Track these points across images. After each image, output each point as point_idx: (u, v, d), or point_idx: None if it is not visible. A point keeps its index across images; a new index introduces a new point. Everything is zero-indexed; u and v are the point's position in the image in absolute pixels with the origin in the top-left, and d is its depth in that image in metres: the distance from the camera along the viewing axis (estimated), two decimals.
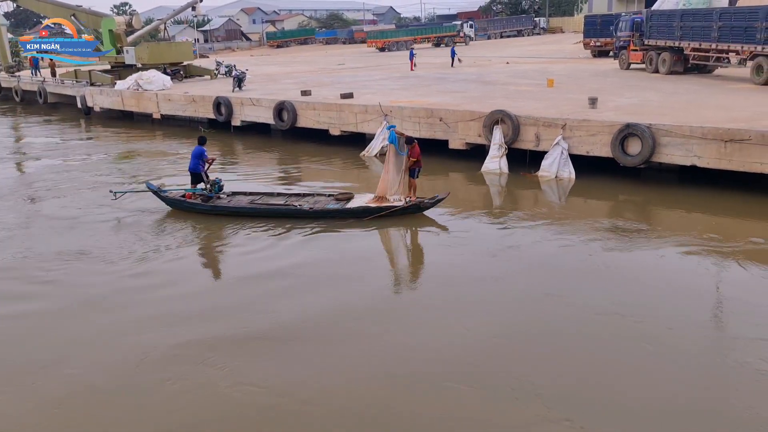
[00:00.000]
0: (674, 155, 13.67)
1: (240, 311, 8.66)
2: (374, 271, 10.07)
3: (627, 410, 6.24)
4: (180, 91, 26.75)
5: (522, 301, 8.77)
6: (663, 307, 8.36)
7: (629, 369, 6.95)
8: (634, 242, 10.96)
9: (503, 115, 15.87)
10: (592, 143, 14.71)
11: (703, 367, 6.99)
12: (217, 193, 12.99)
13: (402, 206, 12.17)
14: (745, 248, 10.46)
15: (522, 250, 10.82)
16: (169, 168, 18.66)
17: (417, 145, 12.46)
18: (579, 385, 6.69)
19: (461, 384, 6.72)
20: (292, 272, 9.89)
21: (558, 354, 7.32)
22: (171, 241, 11.58)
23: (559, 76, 24.57)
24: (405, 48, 58.53)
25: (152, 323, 8.34)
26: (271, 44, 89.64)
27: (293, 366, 7.17)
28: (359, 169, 17.76)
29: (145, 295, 9.31)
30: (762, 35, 19.49)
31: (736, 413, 6.18)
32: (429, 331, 7.93)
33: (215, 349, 7.57)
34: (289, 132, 21.56)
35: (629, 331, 7.77)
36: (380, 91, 22.91)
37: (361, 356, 7.40)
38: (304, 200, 12.94)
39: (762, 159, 12.49)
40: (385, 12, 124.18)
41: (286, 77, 31.92)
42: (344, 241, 11.43)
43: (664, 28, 24.66)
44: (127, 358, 7.43)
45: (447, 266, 10.16)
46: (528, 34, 75.68)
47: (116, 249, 11.11)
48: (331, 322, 8.27)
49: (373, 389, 6.72)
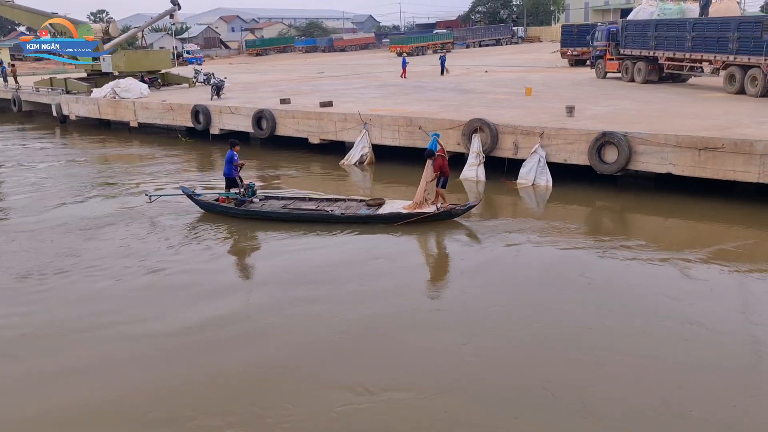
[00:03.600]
0: (650, 163, 13.85)
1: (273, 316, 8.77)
2: (405, 279, 10.01)
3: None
4: (158, 100, 26.52)
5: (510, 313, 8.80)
6: (642, 313, 8.44)
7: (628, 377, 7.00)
8: (611, 250, 11.05)
9: (482, 123, 15.97)
10: (570, 151, 14.85)
11: (690, 373, 7.06)
12: (251, 197, 13.17)
13: (433, 213, 12.22)
14: (719, 253, 10.60)
15: (498, 258, 10.87)
16: (147, 176, 18.46)
17: (441, 158, 12.38)
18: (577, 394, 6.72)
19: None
20: (322, 278, 9.96)
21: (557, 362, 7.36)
22: (206, 242, 11.83)
23: (537, 85, 24.82)
24: (421, 53, 64.21)
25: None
26: (250, 52, 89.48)
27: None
28: (339, 177, 17.73)
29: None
30: (734, 45, 19.88)
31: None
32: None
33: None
34: (269, 140, 21.48)
35: (621, 340, 7.83)
36: (359, 100, 22.93)
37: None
38: (335, 205, 13.05)
39: (735, 166, 12.71)
40: (365, 20, 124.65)
41: (265, 85, 31.82)
42: (376, 246, 11.48)
43: (639, 37, 25.05)
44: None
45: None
46: (506, 43, 76.54)
47: (160, 249, 11.47)
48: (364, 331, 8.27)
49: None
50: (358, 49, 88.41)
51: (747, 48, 19.44)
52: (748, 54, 19.41)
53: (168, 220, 13.22)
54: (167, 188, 15.95)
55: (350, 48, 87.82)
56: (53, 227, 13.06)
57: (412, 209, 12.48)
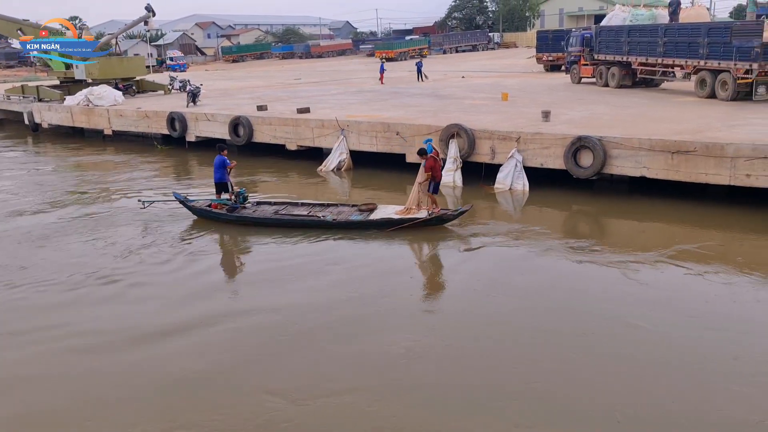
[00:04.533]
0: (624, 167, 14.03)
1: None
2: (394, 284, 10.02)
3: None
4: (132, 107, 26.24)
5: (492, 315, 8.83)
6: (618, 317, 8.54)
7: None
8: (586, 254, 11.16)
9: (459, 128, 16.05)
10: (546, 156, 14.98)
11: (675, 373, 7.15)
12: (242, 203, 13.25)
13: (424, 218, 12.22)
14: (691, 254, 10.74)
15: (475, 263, 10.92)
16: (124, 183, 18.25)
17: (432, 159, 12.35)
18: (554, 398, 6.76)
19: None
20: (313, 283, 9.99)
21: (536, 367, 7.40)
22: (196, 248, 11.95)
23: (513, 90, 25.02)
24: (405, 58, 64.69)
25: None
26: (227, 59, 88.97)
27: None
28: (317, 183, 17.68)
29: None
30: (704, 50, 20.23)
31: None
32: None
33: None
34: (246, 147, 21.34)
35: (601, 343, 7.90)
36: (337, 106, 22.91)
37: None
38: (327, 210, 13.12)
39: (707, 169, 12.92)
40: (342, 26, 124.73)
41: (241, 92, 31.66)
42: (366, 252, 11.51)
43: (612, 43, 25.38)
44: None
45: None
46: (483, 48, 77.13)
47: (153, 254, 11.54)
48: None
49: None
50: (336, 55, 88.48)
51: (717, 53, 19.80)
52: (718, 59, 19.77)
53: (159, 226, 13.28)
54: (145, 194, 15.84)
55: (327, 54, 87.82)
56: (14, 235, 12.94)
57: (405, 214, 12.51)
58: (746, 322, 8.35)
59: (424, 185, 12.48)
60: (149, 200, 14.28)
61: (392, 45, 71.56)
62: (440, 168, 12.64)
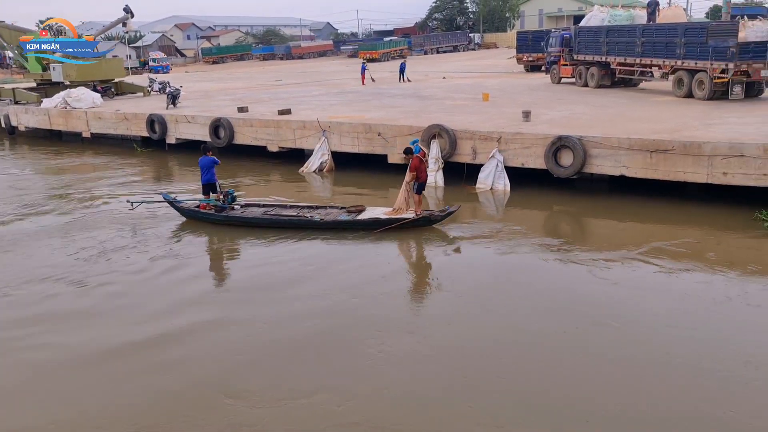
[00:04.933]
0: (604, 166, 14.16)
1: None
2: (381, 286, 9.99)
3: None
4: (111, 109, 25.95)
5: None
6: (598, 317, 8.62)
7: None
8: (568, 253, 11.25)
9: (440, 129, 16.09)
10: (527, 155, 15.07)
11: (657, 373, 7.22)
12: (231, 204, 13.25)
13: (412, 219, 12.23)
14: (669, 252, 10.88)
15: (457, 263, 10.95)
16: (105, 187, 18.04)
17: (417, 159, 12.32)
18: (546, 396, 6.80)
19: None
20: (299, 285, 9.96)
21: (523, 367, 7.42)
22: (182, 250, 11.88)
23: (494, 91, 25.15)
24: (387, 59, 64.95)
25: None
26: (207, 60, 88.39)
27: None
28: (298, 185, 17.61)
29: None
30: (681, 50, 20.50)
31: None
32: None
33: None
34: (227, 149, 21.20)
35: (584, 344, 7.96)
36: (318, 107, 22.85)
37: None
38: (316, 212, 13.16)
39: (685, 168, 13.09)
40: (323, 28, 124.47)
41: (222, 94, 31.46)
42: (352, 253, 11.50)
43: (591, 43, 25.62)
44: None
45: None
46: (463, 49, 77.40)
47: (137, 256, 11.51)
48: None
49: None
50: (317, 56, 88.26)
51: (693, 53, 20.08)
52: (695, 59, 20.05)
53: (143, 228, 13.23)
54: (126, 197, 15.64)
55: (308, 55, 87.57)
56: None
57: (393, 215, 12.51)
58: (718, 321, 8.45)
59: (409, 185, 12.48)
60: (138, 201, 14.31)
61: (376, 46, 71.69)
62: (426, 168, 12.61)
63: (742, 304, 8.95)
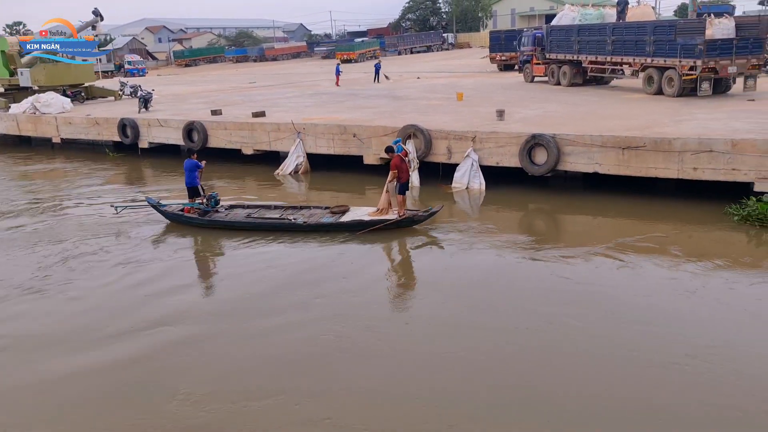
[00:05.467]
0: (578, 163, 14.31)
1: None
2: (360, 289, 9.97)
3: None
4: (82, 114, 25.54)
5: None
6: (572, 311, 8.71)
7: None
8: (543, 251, 11.36)
9: (415, 129, 16.12)
10: (501, 154, 15.17)
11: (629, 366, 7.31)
12: (214, 207, 13.26)
13: (395, 220, 12.20)
14: (644, 247, 11.05)
15: (434, 264, 10.98)
16: (76, 193, 17.76)
17: (397, 158, 12.21)
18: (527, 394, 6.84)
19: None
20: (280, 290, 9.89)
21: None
22: (168, 253, 11.90)
23: (468, 90, 25.28)
24: (364, 59, 64.79)
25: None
26: (179, 63, 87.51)
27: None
28: (274, 187, 17.51)
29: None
30: (650, 48, 20.82)
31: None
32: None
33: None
34: (201, 153, 20.81)
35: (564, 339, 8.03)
36: (293, 109, 22.76)
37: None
38: (300, 213, 13.16)
39: (656, 164, 13.29)
40: (296, 29, 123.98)
41: (195, 97, 31.17)
42: (331, 255, 11.42)
43: (563, 42, 25.90)
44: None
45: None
46: (437, 49, 77.71)
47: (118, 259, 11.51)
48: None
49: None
50: (290, 58, 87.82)
51: (662, 50, 20.40)
52: (664, 56, 20.37)
53: (133, 231, 13.20)
54: (97, 202, 15.50)
55: (282, 57, 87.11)
56: None
57: (377, 215, 12.50)
58: (685, 314, 8.58)
59: (391, 185, 12.47)
60: (122, 206, 14.37)
61: (353, 47, 71.70)
62: (407, 168, 12.50)
63: (712, 298, 9.11)
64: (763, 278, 9.88)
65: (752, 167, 12.39)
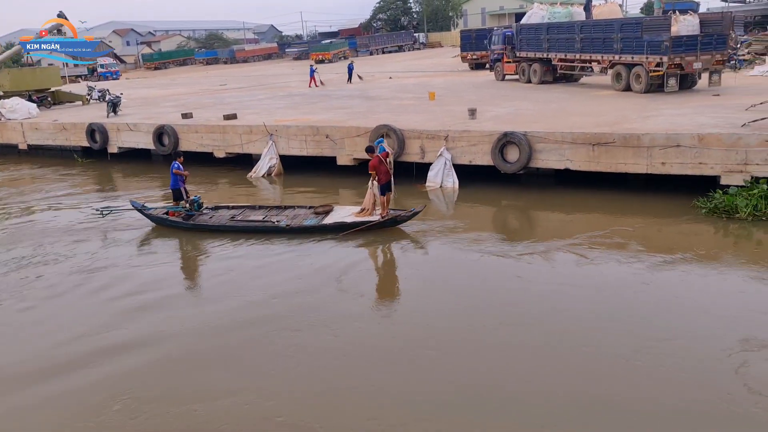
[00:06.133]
0: (549, 160, 14.46)
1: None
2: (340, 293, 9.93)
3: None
4: (48, 119, 25.05)
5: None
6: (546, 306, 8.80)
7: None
8: (516, 248, 11.46)
9: (388, 129, 16.13)
10: (474, 152, 15.26)
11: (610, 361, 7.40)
12: (198, 210, 13.34)
13: (377, 221, 12.16)
14: (612, 241, 11.23)
15: (411, 263, 11.00)
16: (45, 199, 17.40)
17: (376, 159, 12.11)
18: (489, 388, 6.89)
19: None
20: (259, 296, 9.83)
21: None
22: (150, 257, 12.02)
23: (440, 89, 25.37)
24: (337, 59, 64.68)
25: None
26: (148, 66, 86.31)
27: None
28: (247, 190, 17.37)
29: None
30: (618, 45, 21.12)
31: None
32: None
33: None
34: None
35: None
36: (265, 111, 22.61)
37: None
38: (284, 214, 13.20)
39: (626, 159, 13.49)
40: (266, 30, 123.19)
41: (165, 100, 30.78)
42: (313, 258, 11.36)
43: (533, 40, 26.13)
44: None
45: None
46: (408, 49, 77.75)
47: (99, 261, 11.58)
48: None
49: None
50: (261, 59, 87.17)
51: (630, 48, 20.71)
52: (631, 53, 20.68)
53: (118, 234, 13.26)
54: (66, 208, 15.22)
55: (253, 59, 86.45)
56: None
57: (361, 216, 12.48)
58: (635, 307, 8.74)
59: (373, 186, 12.43)
60: (107, 209, 14.55)
61: (328, 47, 71.59)
62: (386, 170, 12.23)
63: (668, 291, 9.28)
64: (719, 270, 10.05)
65: (718, 161, 12.64)
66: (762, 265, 9.97)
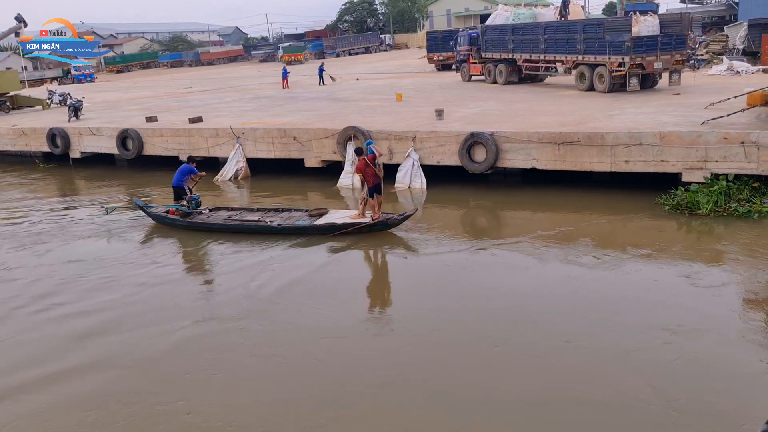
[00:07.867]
0: (516, 160, 14.61)
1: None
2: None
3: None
4: (7, 124, 24.41)
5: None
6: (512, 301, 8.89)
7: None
8: (484, 248, 11.56)
9: (356, 131, 16.12)
10: (442, 153, 15.34)
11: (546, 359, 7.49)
12: (195, 209, 13.60)
13: (368, 223, 12.12)
14: (578, 238, 11.41)
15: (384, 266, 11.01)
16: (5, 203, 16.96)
17: (362, 161, 12.06)
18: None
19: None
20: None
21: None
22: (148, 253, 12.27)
23: (407, 90, 25.45)
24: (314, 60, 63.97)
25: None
26: (111, 69, 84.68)
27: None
28: (214, 194, 17.13)
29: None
30: (581, 46, 21.48)
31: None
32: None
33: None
34: (137, 161, 20.42)
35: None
36: (232, 114, 22.38)
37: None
38: (279, 216, 13.33)
39: (590, 158, 13.71)
40: (231, 32, 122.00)
41: (129, 103, 30.24)
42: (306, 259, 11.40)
43: (498, 41, 26.39)
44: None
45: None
46: (375, 50, 77.80)
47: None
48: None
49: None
50: (227, 62, 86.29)
51: (593, 48, 21.08)
52: (594, 54, 21.05)
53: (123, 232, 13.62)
54: (29, 213, 14.83)
55: (218, 61, 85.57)
56: None
57: (358, 218, 12.45)
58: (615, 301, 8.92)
59: (363, 189, 12.35)
60: (112, 206, 15.23)
61: (301, 48, 71.41)
62: (373, 173, 12.04)
63: (616, 286, 9.51)
64: (666, 264, 10.27)
65: (679, 158, 12.93)
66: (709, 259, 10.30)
